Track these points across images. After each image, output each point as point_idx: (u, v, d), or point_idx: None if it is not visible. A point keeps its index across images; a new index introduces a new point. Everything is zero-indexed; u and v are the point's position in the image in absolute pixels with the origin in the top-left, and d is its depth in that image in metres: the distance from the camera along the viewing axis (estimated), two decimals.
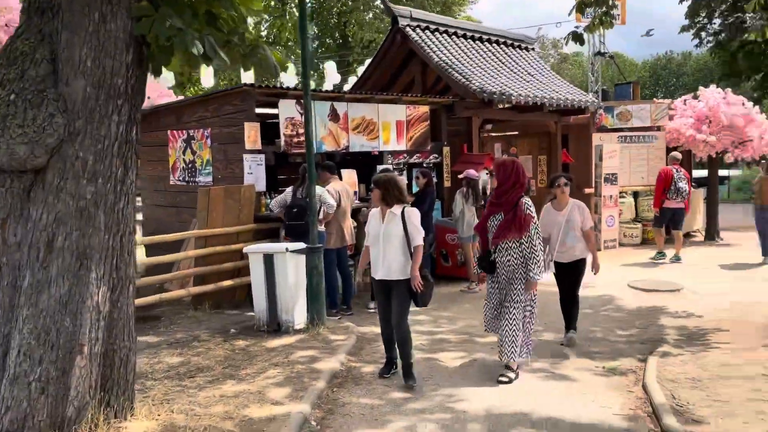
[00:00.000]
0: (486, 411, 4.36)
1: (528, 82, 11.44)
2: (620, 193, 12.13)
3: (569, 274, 5.87)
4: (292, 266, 6.42)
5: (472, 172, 8.65)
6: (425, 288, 4.85)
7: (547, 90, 11.29)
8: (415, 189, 8.69)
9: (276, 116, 8.18)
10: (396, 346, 5.02)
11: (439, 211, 9.74)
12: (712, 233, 12.77)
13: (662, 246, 10.85)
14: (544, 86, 11.52)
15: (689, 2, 22.72)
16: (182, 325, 6.83)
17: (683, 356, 5.41)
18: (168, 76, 13.16)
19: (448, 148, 9.91)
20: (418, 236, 4.84)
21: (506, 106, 10.66)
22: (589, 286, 8.56)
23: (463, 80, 9.91)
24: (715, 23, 23.08)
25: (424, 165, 9.63)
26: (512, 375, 4.98)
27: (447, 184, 9.89)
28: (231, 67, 4.29)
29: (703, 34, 23.21)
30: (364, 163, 9.34)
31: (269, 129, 8.81)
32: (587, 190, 12.08)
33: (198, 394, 4.57)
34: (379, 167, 8.75)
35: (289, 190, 7.24)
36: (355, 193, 8.61)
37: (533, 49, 13.12)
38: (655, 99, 15.00)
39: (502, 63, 11.75)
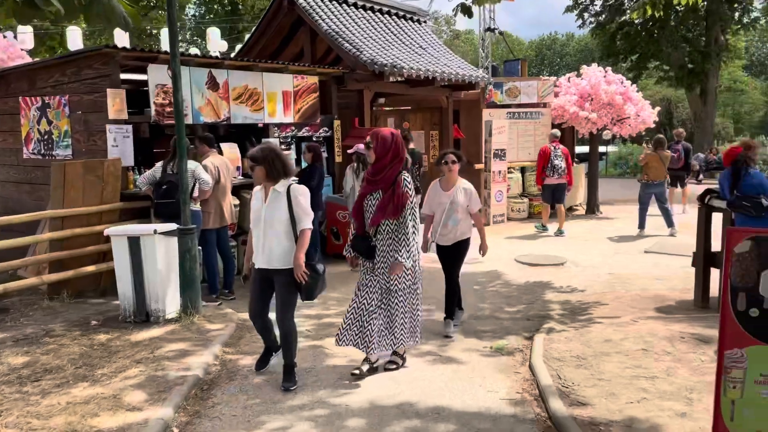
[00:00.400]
0: (370, 403, 4.07)
1: (420, 55, 11.22)
2: (508, 168, 12.30)
3: (449, 257, 5.67)
4: (162, 249, 5.80)
5: (362, 146, 8.29)
6: (311, 279, 4.23)
7: (439, 64, 11.13)
8: (305, 165, 8.23)
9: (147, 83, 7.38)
10: (273, 336, 4.59)
11: (330, 187, 9.35)
12: (592, 207, 13.31)
13: (546, 220, 11.15)
14: (436, 60, 11.35)
15: None
16: (34, 317, 6.02)
17: (568, 333, 5.42)
18: (26, 38, 11.73)
19: (339, 122, 9.50)
20: (306, 219, 4.25)
21: (398, 79, 10.41)
22: (477, 261, 8.57)
23: (354, 51, 9.51)
24: (596, 5, 24.21)
25: (314, 139, 9.17)
26: (399, 361, 4.72)
27: (338, 159, 9.50)
28: (68, 17, 3.61)
29: (586, 14, 24.24)
30: (248, 137, 8.73)
31: (141, 97, 7.98)
32: (477, 166, 12.17)
33: (40, 402, 3.94)
34: (264, 141, 8.20)
35: (159, 165, 6.54)
36: (237, 168, 8.02)
37: (425, 22, 12.93)
38: (541, 77, 15.34)
39: (394, 35, 11.44)
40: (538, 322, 5.84)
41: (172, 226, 5.91)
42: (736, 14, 23.75)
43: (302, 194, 4.31)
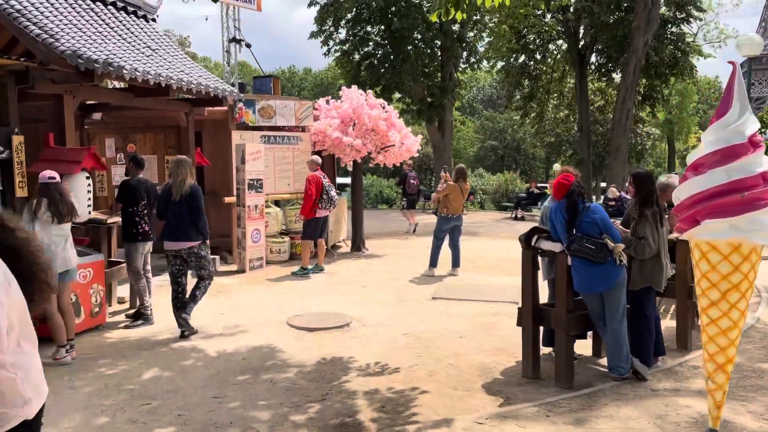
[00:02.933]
0: None
1: (149, 57, 8.61)
2: (266, 202, 10.29)
3: None
4: None
5: (47, 174, 5.46)
6: None
7: (174, 70, 8.66)
8: None
9: None
10: None
11: None
12: (358, 243, 11.97)
13: (308, 261, 9.49)
14: (171, 65, 8.86)
15: (318, 7, 22.81)
16: None
17: None
18: None
19: (22, 138, 6.44)
20: None
21: (118, 85, 7.70)
22: (241, 330, 6.35)
23: (46, 38, 6.60)
24: (340, 33, 23.78)
25: None
26: None
27: (21, 192, 6.41)
28: None
29: (331, 42, 23.64)
30: None
31: None
32: (228, 200, 9.93)
33: None
34: None
35: None
36: None
37: (154, 20, 10.30)
38: (297, 97, 13.64)
39: (112, 28, 8.64)
40: None
41: None
42: (464, 53, 25.42)
43: None
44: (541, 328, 5.08)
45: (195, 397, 4.60)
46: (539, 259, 5.07)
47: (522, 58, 29.33)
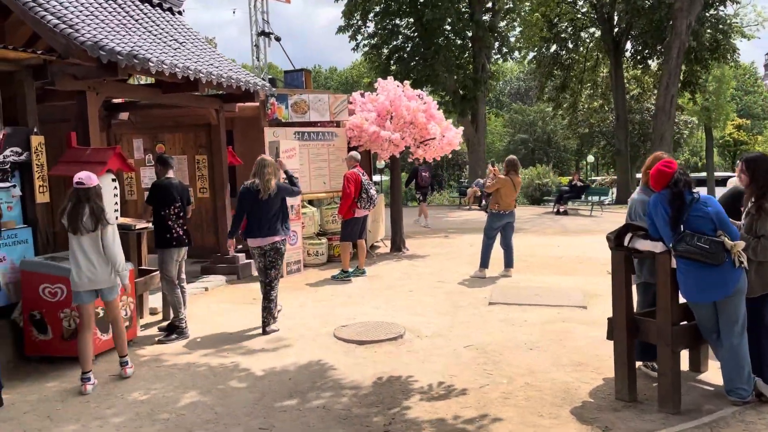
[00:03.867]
0: None
1: (176, 50, 8.05)
2: (301, 202, 9.70)
3: None
4: None
5: (84, 175, 4.92)
6: None
7: (203, 63, 8.10)
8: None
9: None
10: None
11: (30, 246, 5.72)
12: (398, 243, 11.31)
13: (348, 263, 8.89)
14: (200, 59, 8.30)
15: (345, 1, 22.19)
16: None
17: None
18: None
19: (42, 139, 5.91)
20: None
21: (143, 81, 7.15)
22: (285, 345, 5.76)
23: (65, 28, 6.06)
24: (369, 27, 23.14)
25: None
26: None
27: (41, 198, 5.88)
28: None
29: (359, 36, 23.00)
30: None
31: None
32: None
33: None
34: None
35: None
36: None
37: (181, 13, 9.77)
38: (330, 91, 12.97)
39: (136, 20, 8.11)
40: None
41: None
42: (496, 44, 24.56)
43: None
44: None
45: (238, 429, 3.99)
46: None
47: (554, 47, 28.41)
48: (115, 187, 6.03)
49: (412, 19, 22.21)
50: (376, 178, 28.27)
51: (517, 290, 7.67)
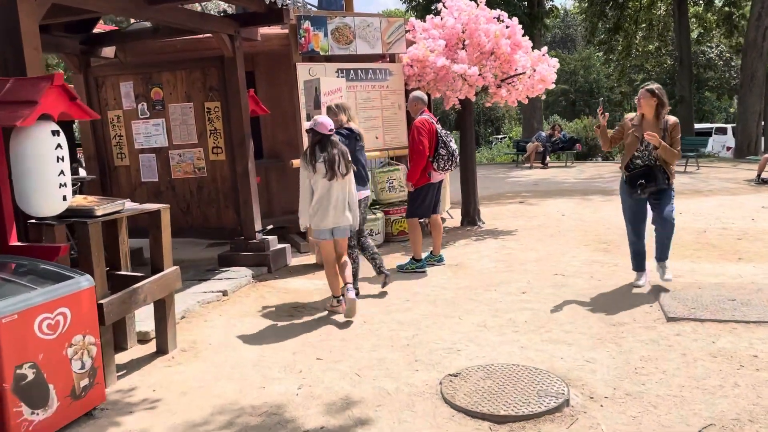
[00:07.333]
0: None
1: None
2: None
3: None
4: None
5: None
6: None
7: None
8: None
9: None
10: None
11: None
12: (472, 215, 8.71)
13: (420, 250, 6.37)
14: None
15: None
16: None
17: None
18: None
19: None
20: None
21: None
22: (361, 420, 3.25)
23: None
24: None
25: None
26: None
27: None
28: None
29: None
30: None
31: None
32: (296, 163, 6.74)
33: None
34: None
35: None
36: None
37: None
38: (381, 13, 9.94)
39: None
40: None
41: None
42: None
43: None
44: None
45: None
46: None
47: None
48: (59, 145, 3.49)
49: None
50: None
51: (699, 292, 5.04)
